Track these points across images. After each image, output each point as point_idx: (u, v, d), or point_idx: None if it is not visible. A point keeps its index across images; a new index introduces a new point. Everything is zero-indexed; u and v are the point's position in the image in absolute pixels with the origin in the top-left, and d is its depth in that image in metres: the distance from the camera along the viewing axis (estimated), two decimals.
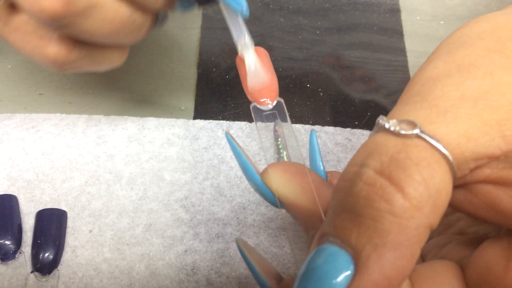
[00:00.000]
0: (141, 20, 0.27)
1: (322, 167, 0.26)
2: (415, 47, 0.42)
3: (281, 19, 0.44)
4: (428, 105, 0.18)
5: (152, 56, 0.42)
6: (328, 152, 0.37)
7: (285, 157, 0.25)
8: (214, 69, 0.41)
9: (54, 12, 0.23)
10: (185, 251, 0.33)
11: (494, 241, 0.20)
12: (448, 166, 0.17)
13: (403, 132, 0.18)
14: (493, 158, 0.18)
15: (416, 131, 0.17)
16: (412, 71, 0.41)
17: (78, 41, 0.27)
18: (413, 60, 0.42)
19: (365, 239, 0.17)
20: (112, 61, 0.30)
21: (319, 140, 0.37)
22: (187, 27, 0.43)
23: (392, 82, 0.40)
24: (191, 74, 0.41)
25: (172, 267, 0.32)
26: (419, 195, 0.17)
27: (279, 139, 0.25)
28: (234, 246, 0.33)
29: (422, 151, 0.17)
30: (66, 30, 0.25)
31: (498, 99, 0.18)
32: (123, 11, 0.25)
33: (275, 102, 0.25)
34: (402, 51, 0.42)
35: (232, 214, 0.34)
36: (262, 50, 0.27)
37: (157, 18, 0.29)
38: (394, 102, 0.39)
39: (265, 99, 0.25)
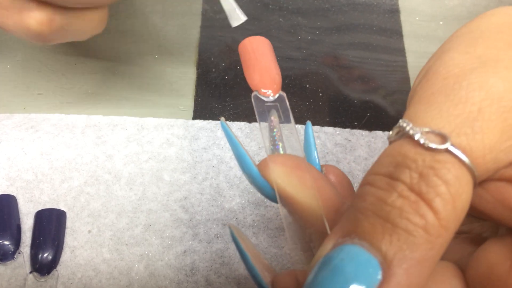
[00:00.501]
0: None
1: (317, 160, 0.26)
2: (414, 47, 0.42)
3: (280, 19, 0.44)
4: (454, 109, 0.18)
5: (151, 56, 0.41)
6: (327, 153, 0.36)
7: (280, 149, 0.24)
8: (213, 69, 0.41)
9: None
10: (184, 251, 0.33)
11: (497, 241, 0.20)
12: (472, 180, 0.18)
13: (432, 146, 0.17)
14: None
15: (447, 145, 0.17)
16: (411, 71, 0.41)
17: (57, 7, 0.26)
18: (412, 60, 0.42)
19: (396, 248, 0.17)
20: (94, 25, 0.29)
21: (318, 141, 0.37)
22: (186, 27, 0.43)
23: (391, 83, 0.40)
24: (190, 74, 0.41)
25: (171, 268, 0.32)
26: (448, 215, 0.17)
27: (275, 130, 0.25)
28: (233, 246, 0.33)
29: (451, 168, 0.17)
30: None
31: None
32: None
33: (277, 95, 0.25)
34: (401, 51, 0.42)
35: (232, 214, 0.34)
36: (265, 40, 0.26)
37: None
38: (393, 103, 0.39)
39: (267, 91, 0.25)
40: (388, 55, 0.42)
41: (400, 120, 0.19)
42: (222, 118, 0.25)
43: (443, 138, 0.17)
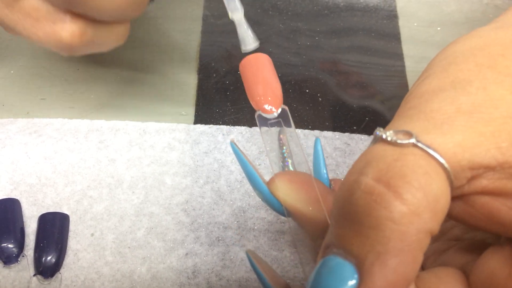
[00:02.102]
0: None
1: (326, 175, 0.27)
2: (412, 52, 0.43)
3: (280, 25, 0.44)
4: (425, 117, 0.19)
5: (152, 61, 0.42)
6: (327, 157, 0.37)
7: (290, 166, 0.25)
8: (214, 74, 0.41)
9: None
10: (186, 254, 0.33)
11: (497, 249, 0.21)
12: (445, 175, 0.18)
13: (400, 141, 0.18)
14: (489, 169, 0.18)
15: (413, 140, 0.18)
16: (409, 76, 0.42)
17: (89, 19, 0.26)
18: (411, 65, 0.42)
19: (367, 247, 0.17)
20: (118, 38, 0.29)
21: None
22: (187, 32, 0.44)
23: (390, 88, 0.41)
24: (191, 79, 0.41)
25: (173, 270, 0.33)
26: (417, 201, 0.17)
27: (284, 147, 0.25)
28: (234, 249, 0.33)
29: (419, 159, 0.18)
30: (80, 6, 0.25)
31: (492, 112, 0.18)
32: None
33: (280, 110, 0.26)
34: (399, 56, 0.43)
35: (233, 217, 0.35)
36: (265, 56, 0.27)
37: None
38: (391, 108, 0.40)
39: (270, 107, 0.25)
40: (386, 60, 0.42)
41: (375, 130, 0.19)
42: (232, 140, 0.25)
43: (411, 136, 0.18)
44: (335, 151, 0.37)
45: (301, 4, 0.45)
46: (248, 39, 0.26)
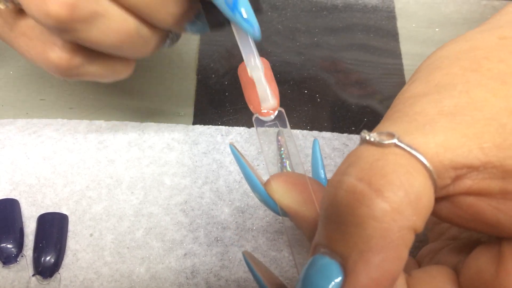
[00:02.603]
0: (149, 35, 0.27)
1: (323, 175, 0.27)
2: (410, 53, 0.43)
3: (279, 26, 0.44)
4: (408, 119, 0.19)
5: (152, 62, 0.42)
6: (325, 157, 0.37)
7: (288, 166, 0.26)
8: (213, 75, 0.41)
9: (59, 17, 0.23)
10: (185, 254, 0.33)
11: (484, 248, 0.21)
12: (428, 174, 0.18)
13: (381, 142, 0.18)
14: (472, 169, 0.18)
15: (394, 140, 0.18)
16: (407, 76, 0.42)
17: (82, 48, 0.27)
18: (409, 64, 0.42)
19: (351, 246, 0.18)
20: (117, 73, 0.30)
21: None
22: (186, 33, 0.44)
23: (388, 88, 0.41)
24: (190, 80, 0.41)
25: (172, 270, 0.33)
26: (399, 199, 0.17)
27: (282, 149, 0.26)
28: (233, 249, 0.33)
29: (400, 158, 0.18)
30: (70, 36, 0.25)
31: (474, 115, 0.19)
32: (130, 24, 0.26)
33: (277, 112, 0.26)
34: (397, 57, 0.43)
35: (231, 218, 0.35)
36: (264, 60, 0.27)
37: (168, 36, 0.29)
38: (389, 108, 0.40)
39: (267, 110, 0.26)
40: (385, 60, 0.43)
41: (361, 133, 0.20)
42: (232, 142, 0.26)
43: (393, 136, 0.18)
44: (333, 151, 0.37)
45: (299, 5, 0.46)
46: (269, 96, 0.26)
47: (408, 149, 0.18)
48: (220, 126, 0.38)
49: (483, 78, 0.20)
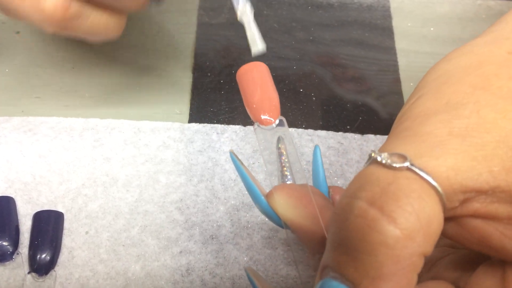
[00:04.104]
0: None
1: (325, 183, 0.27)
2: (405, 52, 0.43)
3: (275, 25, 0.44)
4: (418, 140, 0.19)
5: (148, 60, 0.42)
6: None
7: (289, 175, 0.26)
8: (209, 73, 0.42)
9: None
10: (180, 252, 0.33)
11: (489, 270, 0.21)
12: (438, 198, 0.18)
13: (394, 165, 0.18)
14: (481, 192, 0.18)
15: (407, 164, 0.18)
16: (402, 76, 0.42)
17: None
18: (404, 64, 0.43)
19: (362, 272, 0.17)
20: (109, 29, 0.29)
21: (311, 144, 0.38)
22: (182, 31, 0.44)
23: (383, 85, 0.41)
24: (186, 78, 0.41)
25: (167, 268, 0.33)
26: (411, 225, 0.17)
27: (283, 157, 0.26)
28: (228, 247, 0.33)
29: (412, 183, 0.18)
30: None
31: (484, 137, 0.18)
32: None
33: (278, 120, 0.25)
34: (393, 56, 0.43)
35: (226, 216, 0.35)
36: (263, 65, 0.27)
37: None
38: (385, 105, 0.40)
39: (268, 117, 0.25)
40: (380, 58, 0.43)
41: (369, 152, 0.20)
42: (232, 150, 0.26)
43: (405, 159, 0.18)
44: (328, 150, 0.38)
45: (295, 4, 0.46)
46: (258, 40, 0.25)
47: (421, 173, 0.18)
48: (216, 124, 0.39)
49: (493, 98, 0.20)
